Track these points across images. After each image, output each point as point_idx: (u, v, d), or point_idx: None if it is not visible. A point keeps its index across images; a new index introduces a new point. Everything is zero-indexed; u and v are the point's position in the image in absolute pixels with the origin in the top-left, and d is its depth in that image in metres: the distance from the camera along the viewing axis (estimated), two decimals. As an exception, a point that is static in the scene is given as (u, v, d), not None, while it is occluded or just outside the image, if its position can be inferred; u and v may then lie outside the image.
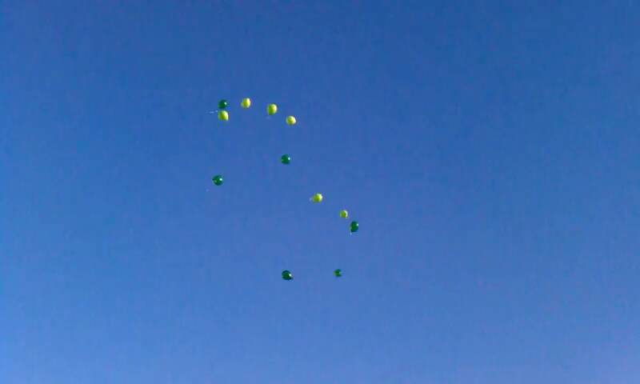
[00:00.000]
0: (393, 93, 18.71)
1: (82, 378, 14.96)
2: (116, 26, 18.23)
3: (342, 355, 16.08)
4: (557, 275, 16.88)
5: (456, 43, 18.69)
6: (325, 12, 18.55)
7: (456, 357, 16.03)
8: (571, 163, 17.92)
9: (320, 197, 10.35)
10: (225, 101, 9.47)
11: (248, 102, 9.54)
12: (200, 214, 17.17)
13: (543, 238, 17.42)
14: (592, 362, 15.77)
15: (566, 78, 18.16)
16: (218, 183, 9.87)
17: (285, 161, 9.75)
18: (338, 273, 10.46)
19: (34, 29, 17.66)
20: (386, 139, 18.32)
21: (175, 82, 18.06)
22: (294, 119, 9.76)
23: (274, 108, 9.67)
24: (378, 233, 16.72)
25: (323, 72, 18.57)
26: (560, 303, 16.48)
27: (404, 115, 18.47)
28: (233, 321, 16.45)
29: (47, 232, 16.88)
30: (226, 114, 9.52)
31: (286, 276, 10.25)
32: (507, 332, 16.27)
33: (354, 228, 10.36)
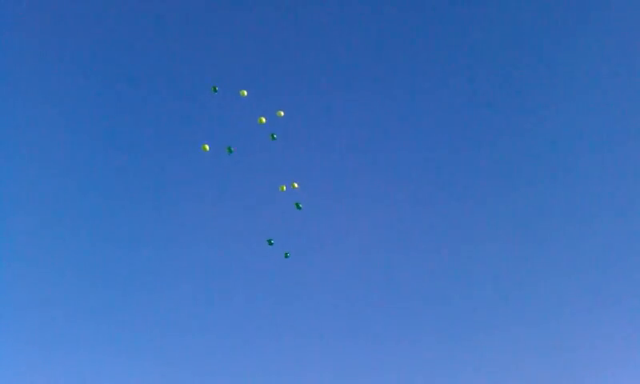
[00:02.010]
0: (389, 89, 18.81)
1: (81, 378, 15.04)
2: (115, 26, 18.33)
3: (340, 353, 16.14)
4: (557, 271, 16.93)
5: (455, 42, 18.76)
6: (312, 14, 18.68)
7: (455, 355, 16.07)
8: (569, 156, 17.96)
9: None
10: (216, 86, 9.60)
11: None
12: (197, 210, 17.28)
13: (542, 235, 17.47)
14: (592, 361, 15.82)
15: (567, 80, 18.22)
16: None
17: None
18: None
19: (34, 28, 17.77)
20: (382, 135, 18.40)
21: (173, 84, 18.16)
22: (282, 113, 9.91)
23: (263, 120, 9.83)
24: (372, 228, 16.82)
25: (315, 73, 18.71)
26: (560, 299, 16.52)
27: (402, 112, 18.56)
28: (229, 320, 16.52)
29: (47, 230, 16.97)
30: (207, 147, 9.70)
31: (269, 242, 10.39)
32: (506, 331, 16.31)
33: (297, 207, 10.45)
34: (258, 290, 16.94)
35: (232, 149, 9.94)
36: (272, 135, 10.13)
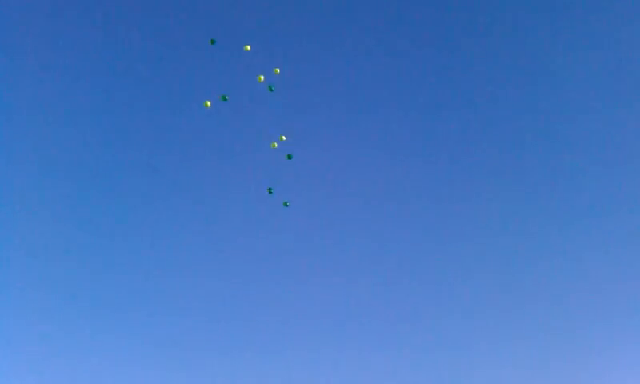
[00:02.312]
0: (394, 84, 18.75)
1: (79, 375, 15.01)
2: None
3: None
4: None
5: (461, 39, 18.67)
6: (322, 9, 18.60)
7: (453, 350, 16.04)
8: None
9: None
10: (214, 40, 9.88)
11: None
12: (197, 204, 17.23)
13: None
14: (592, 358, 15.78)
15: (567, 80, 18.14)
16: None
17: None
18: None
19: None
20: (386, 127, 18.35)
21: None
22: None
23: (262, 78, 10.06)
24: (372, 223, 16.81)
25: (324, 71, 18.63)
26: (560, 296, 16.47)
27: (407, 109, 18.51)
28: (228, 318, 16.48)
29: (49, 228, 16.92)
30: (209, 103, 9.96)
31: (269, 191, 10.64)
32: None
33: (289, 157, 10.73)
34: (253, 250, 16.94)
35: (226, 97, 10.12)
36: (270, 87, 10.32)
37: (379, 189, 18.15)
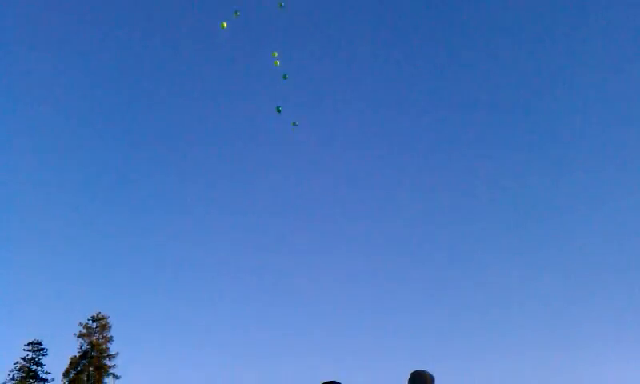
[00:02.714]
0: (400, 88, 19.19)
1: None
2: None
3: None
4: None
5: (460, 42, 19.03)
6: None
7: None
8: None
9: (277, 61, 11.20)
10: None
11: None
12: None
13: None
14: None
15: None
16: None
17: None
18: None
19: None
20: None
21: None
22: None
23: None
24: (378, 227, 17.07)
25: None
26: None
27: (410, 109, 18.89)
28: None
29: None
30: (225, 24, 10.61)
31: (278, 110, 11.38)
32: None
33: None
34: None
35: (238, 12, 10.53)
36: (279, 3, 10.73)
37: (380, 189, 18.36)
